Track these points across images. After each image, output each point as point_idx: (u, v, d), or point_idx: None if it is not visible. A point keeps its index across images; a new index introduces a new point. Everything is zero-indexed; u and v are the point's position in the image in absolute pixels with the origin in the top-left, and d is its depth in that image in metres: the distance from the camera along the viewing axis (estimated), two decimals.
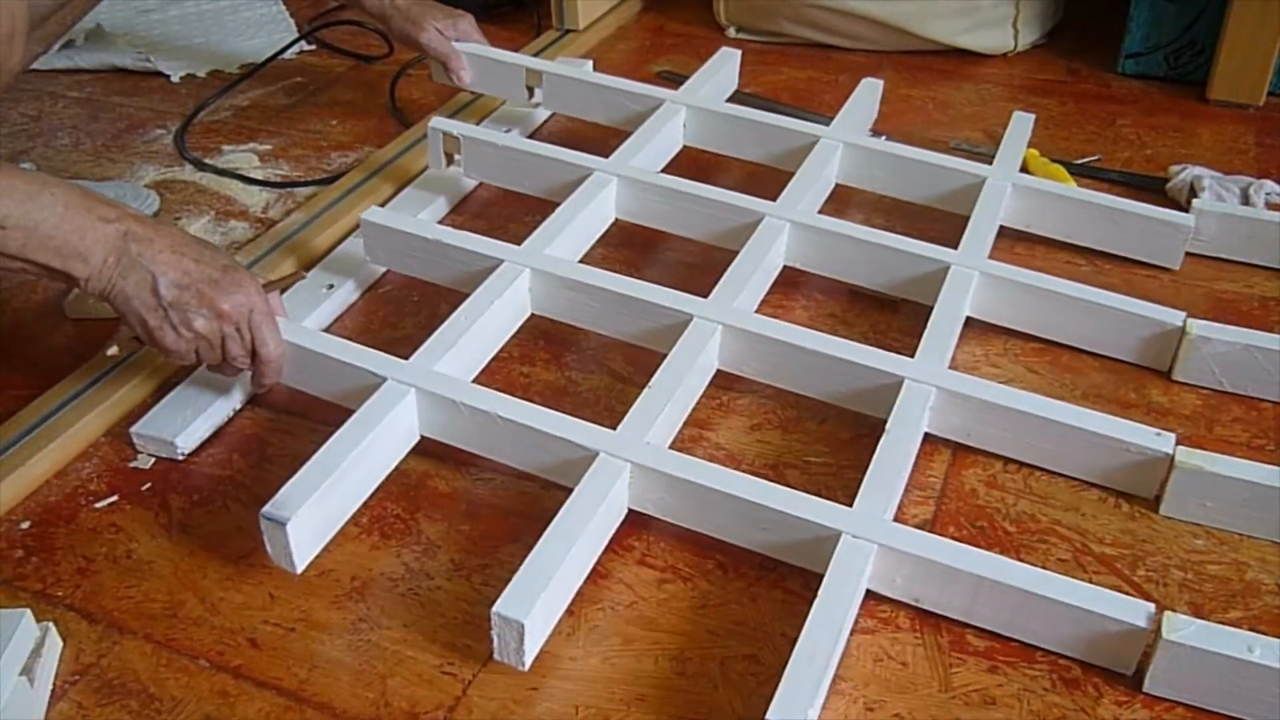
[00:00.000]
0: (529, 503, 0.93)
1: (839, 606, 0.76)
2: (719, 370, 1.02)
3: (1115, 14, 1.63)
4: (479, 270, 1.05)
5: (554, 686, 0.78)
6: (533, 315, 1.07)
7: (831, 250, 1.11)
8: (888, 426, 0.90)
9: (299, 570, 0.82)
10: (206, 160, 1.47)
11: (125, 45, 1.78)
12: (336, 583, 0.87)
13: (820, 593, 0.77)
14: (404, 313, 1.16)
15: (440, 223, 1.22)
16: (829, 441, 0.99)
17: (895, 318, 1.12)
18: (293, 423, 1.03)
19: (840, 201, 1.28)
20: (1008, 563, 0.80)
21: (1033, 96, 1.57)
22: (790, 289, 1.16)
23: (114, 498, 0.95)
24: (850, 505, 0.83)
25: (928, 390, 0.93)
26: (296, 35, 1.83)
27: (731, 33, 1.79)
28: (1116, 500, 0.92)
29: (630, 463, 0.85)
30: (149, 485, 0.96)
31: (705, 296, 1.01)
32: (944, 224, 1.22)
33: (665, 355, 0.96)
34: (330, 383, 0.96)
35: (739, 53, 1.47)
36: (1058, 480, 0.94)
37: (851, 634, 0.81)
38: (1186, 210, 1.21)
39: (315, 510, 0.81)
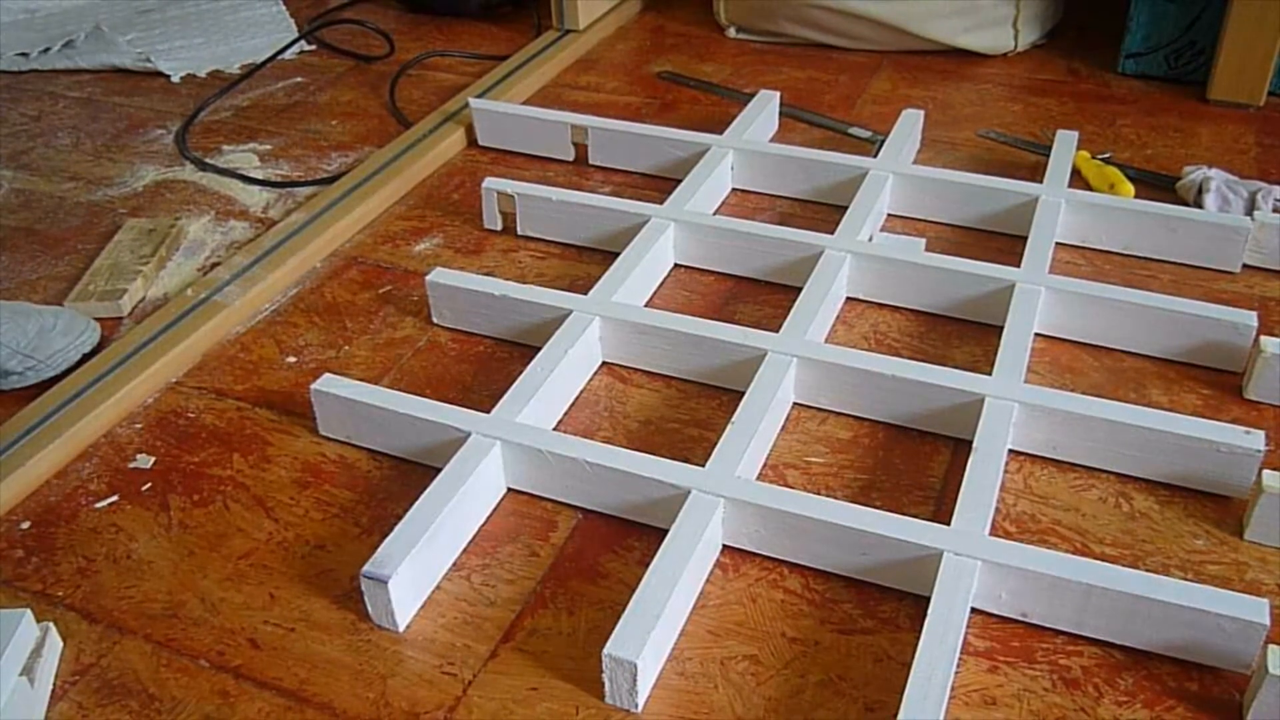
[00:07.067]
0: (527, 504, 0.93)
1: (950, 627, 0.76)
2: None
3: (1115, 14, 1.63)
4: (547, 321, 1.06)
5: (554, 686, 0.78)
6: None
7: (894, 277, 1.13)
8: (975, 444, 0.91)
9: (401, 629, 0.82)
10: (207, 160, 1.47)
11: (125, 45, 1.78)
12: (336, 583, 0.87)
13: (929, 614, 0.77)
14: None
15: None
16: (828, 441, 0.99)
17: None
18: (293, 423, 1.03)
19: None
20: (1116, 569, 0.79)
21: (1033, 96, 1.57)
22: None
23: (114, 498, 0.95)
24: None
25: (1010, 406, 0.94)
26: (296, 35, 1.83)
27: (732, 33, 1.79)
28: (1116, 500, 0.92)
29: (723, 498, 0.85)
30: (149, 485, 0.96)
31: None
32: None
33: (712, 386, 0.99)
34: (411, 440, 0.96)
35: (777, 94, 1.48)
36: (1057, 480, 0.94)
37: (854, 635, 0.82)
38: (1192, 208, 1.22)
39: (413, 567, 0.82)
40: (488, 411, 0.95)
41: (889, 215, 1.29)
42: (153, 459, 0.99)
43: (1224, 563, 0.87)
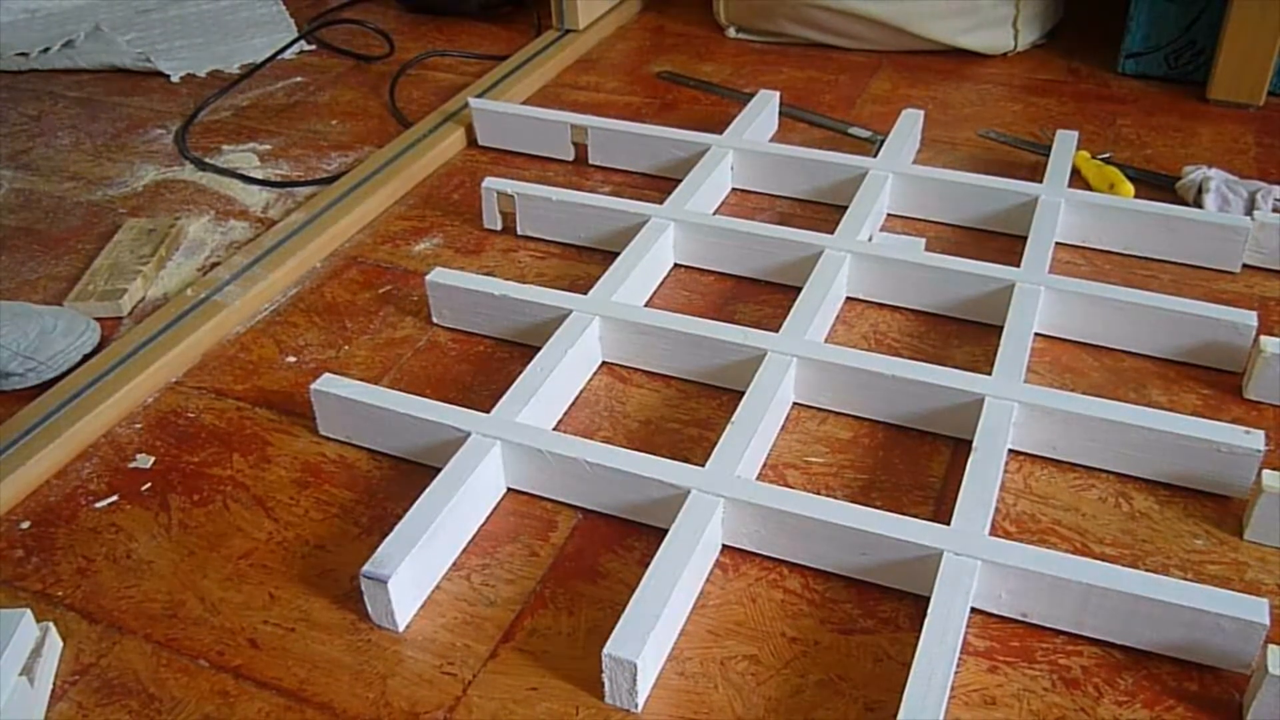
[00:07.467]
0: (527, 504, 0.93)
1: (950, 627, 0.76)
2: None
3: (1115, 14, 1.63)
4: (547, 321, 1.07)
5: (554, 686, 0.78)
6: None
7: (894, 277, 1.13)
8: (974, 444, 0.91)
9: (401, 629, 0.82)
10: (207, 160, 1.47)
11: (125, 45, 1.78)
12: (336, 583, 0.87)
13: (929, 614, 0.77)
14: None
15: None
16: (828, 441, 0.99)
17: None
18: (292, 423, 1.03)
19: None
20: (1116, 569, 0.80)
21: (1033, 96, 1.57)
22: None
23: (114, 498, 0.95)
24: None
25: (1010, 406, 0.94)
26: (296, 35, 1.83)
27: (731, 33, 1.79)
28: (1116, 500, 0.92)
29: (723, 498, 0.86)
30: (149, 485, 0.96)
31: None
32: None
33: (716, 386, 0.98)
34: (411, 440, 0.96)
35: (777, 94, 1.48)
36: (1057, 480, 0.94)
37: (854, 635, 0.82)
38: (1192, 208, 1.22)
39: (413, 567, 0.82)
40: (488, 411, 0.95)
41: (889, 215, 1.29)
42: (152, 459, 0.99)
43: (1224, 562, 0.87)
